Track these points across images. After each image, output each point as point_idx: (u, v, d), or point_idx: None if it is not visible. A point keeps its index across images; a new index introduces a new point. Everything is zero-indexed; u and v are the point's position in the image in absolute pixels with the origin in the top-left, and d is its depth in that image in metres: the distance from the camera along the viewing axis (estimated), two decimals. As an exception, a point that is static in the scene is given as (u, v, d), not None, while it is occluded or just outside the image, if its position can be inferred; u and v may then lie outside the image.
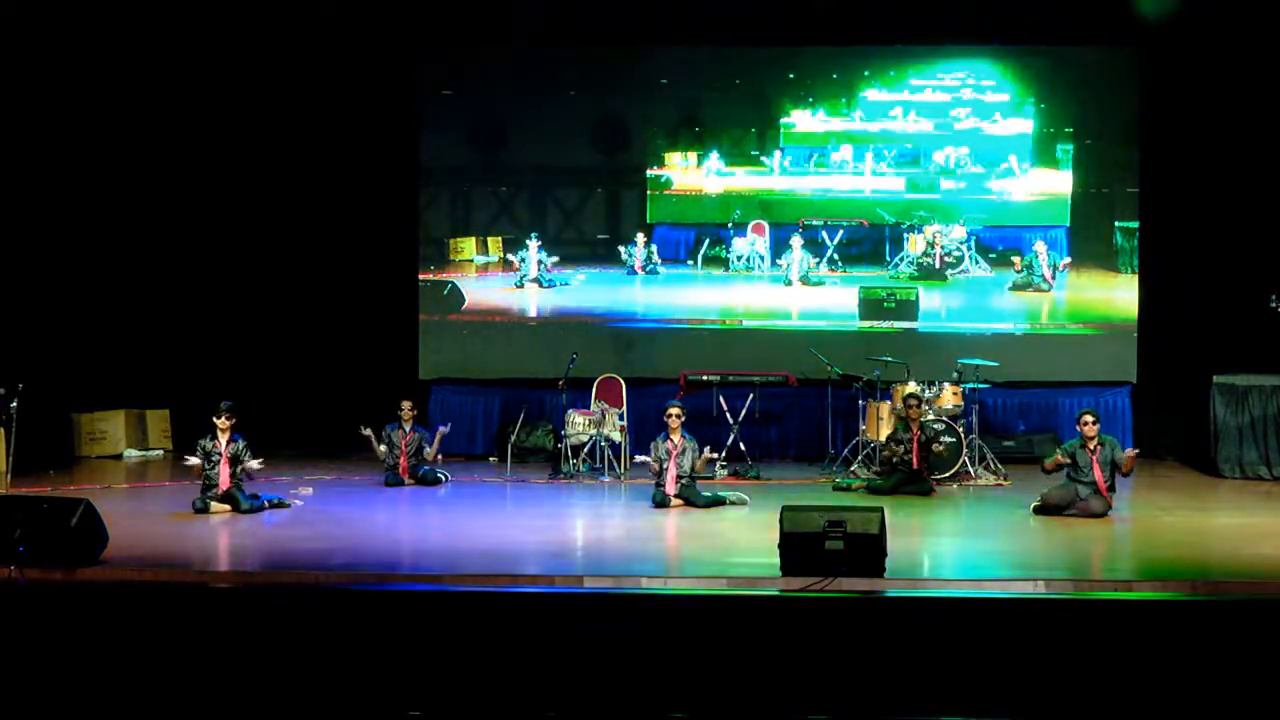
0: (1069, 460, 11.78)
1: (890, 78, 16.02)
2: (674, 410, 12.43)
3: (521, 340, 16.27)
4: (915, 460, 12.94)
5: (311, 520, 11.56)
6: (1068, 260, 15.82)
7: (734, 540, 10.86)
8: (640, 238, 16.14)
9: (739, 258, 16.14)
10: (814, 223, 16.08)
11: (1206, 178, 15.38)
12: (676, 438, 12.30)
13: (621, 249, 16.16)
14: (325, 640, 8.31)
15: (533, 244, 16.19)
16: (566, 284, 16.25)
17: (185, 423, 15.10)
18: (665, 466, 12.23)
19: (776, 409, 15.58)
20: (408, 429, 13.58)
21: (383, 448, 13.52)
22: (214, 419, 11.97)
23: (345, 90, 15.89)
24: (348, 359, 16.06)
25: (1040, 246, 15.84)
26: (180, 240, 15.95)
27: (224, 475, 11.86)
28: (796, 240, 15.98)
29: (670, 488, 12.23)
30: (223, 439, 11.93)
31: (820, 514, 9.10)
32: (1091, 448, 11.72)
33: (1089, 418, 11.80)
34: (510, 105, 16.22)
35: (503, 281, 16.31)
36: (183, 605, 8.68)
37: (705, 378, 14.89)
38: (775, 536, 9.19)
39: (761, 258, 16.11)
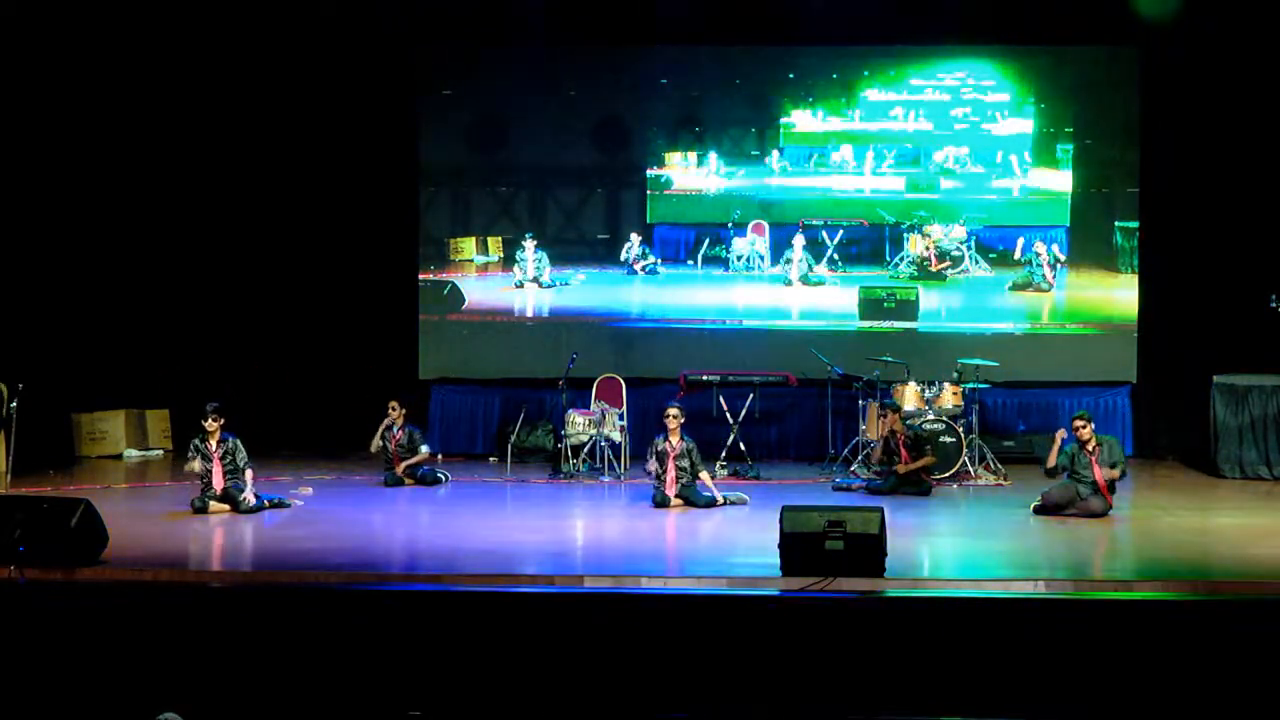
0: (1069, 464, 11.80)
1: (890, 78, 16.02)
2: (672, 411, 12.43)
3: (521, 340, 16.26)
4: (904, 466, 12.94)
5: (311, 520, 11.56)
6: (1061, 256, 15.80)
7: (734, 540, 10.86)
8: (635, 237, 16.12)
9: (739, 258, 16.13)
10: (814, 223, 16.08)
11: (1206, 178, 15.37)
12: (675, 439, 12.30)
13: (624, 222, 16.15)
14: (325, 640, 8.32)
15: (529, 244, 16.17)
16: (566, 284, 16.25)
17: (185, 423, 15.07)
18: (665, 468, 12.24)
19: (776, 409, 15.57)
20: (396, 429, 13.57)
21: (378, 440, 13.56)
22: (202, 421, 11.98)
23: (345, 90, 15.88)
24: (348, 359, 16.06)
25: (1040, 247, 15.83)
26: (180, 240, 15.94)
27: (217, 474, 11.86)
28: (798, 240, 15.97)
29: (670, 488, 12.24)
30: (212, 441, 11.93)
31: (820, 514, 9.11)
32: (1090, 449, 11.73)
33: (1080, 421, 11.82)
34: (510, 105, 16.20)
35: (503, 281, 16.30)
36: (182, 605, 8.69)
37: (705, 378, 14.89)
38: (775, 536, 9.19)
39: (761, 257, 16.10)
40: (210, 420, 11.96)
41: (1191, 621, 8.38)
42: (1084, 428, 11.76)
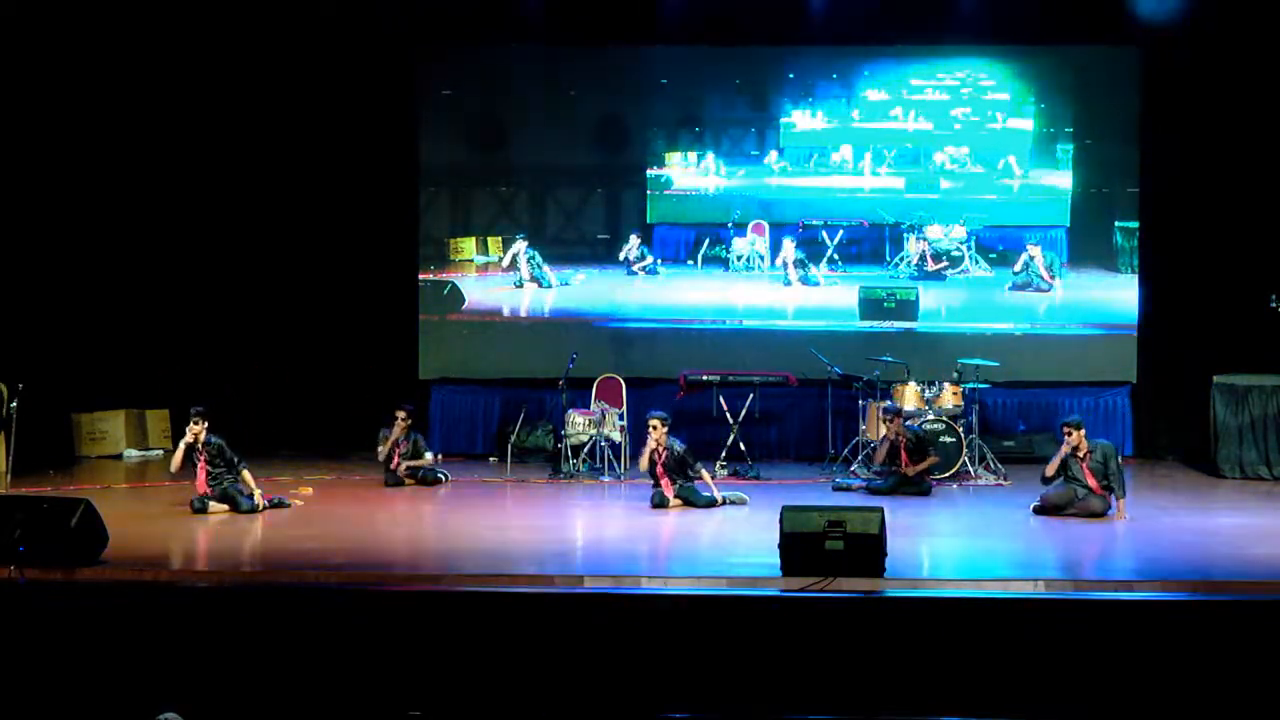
0: (1064, 469, 11.80)
1: (890, 78, 16.01)
2: (652, 421, 12.37)
3: (521, 340, 16.25)
4: (905, 469, 12.93)
5: (311, 520, 11.56)
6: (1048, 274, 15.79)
7: (734, 540, 10.85)
8: (634, 238, 16.11)
9: (739, 258, 16.12)
10: (814, 223, 16.07)
11: (1206, 178, 15.37)
12: (660, 447, 12.26)
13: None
14: (325, 640, 8.32)
15: (520, 244, 16.12)
16: (566, 284, 16.24)
17: (185, 423, 15.05)
18: (658, 474, 12.24)
19: (776, 409, 15.56)
20: (401, 442, 13.52)
21: (381, 448, 13.52)
22: (190, 425, 11.96)
23: (345, 91, 15.87)
24: (348, 359, 16.05)
25: (1035, 250, 15.79)
26: (181, 241, 15.92)
27: (200, 477, 11.84)
28: (788, 243, 15.93)
29: (668, 490, 12.24)
30: (198, 442, 11.89)
31: (820, 514, 9.11)
32: (1081, 455, 11.72)
33: (1067, 428, 11.81)
34: (510, 105, 16.20)
35: (503, 281, 16.29)
36: (182, 605, 8.69)
37: (705, 378, 14.88)
38: (775, 536, 9.19)
39: (761, 257, 16.10)
40: (194, 423, 11.93)
41: (1191, 621, 8.38)
42: (1071, 434, 11.76)
